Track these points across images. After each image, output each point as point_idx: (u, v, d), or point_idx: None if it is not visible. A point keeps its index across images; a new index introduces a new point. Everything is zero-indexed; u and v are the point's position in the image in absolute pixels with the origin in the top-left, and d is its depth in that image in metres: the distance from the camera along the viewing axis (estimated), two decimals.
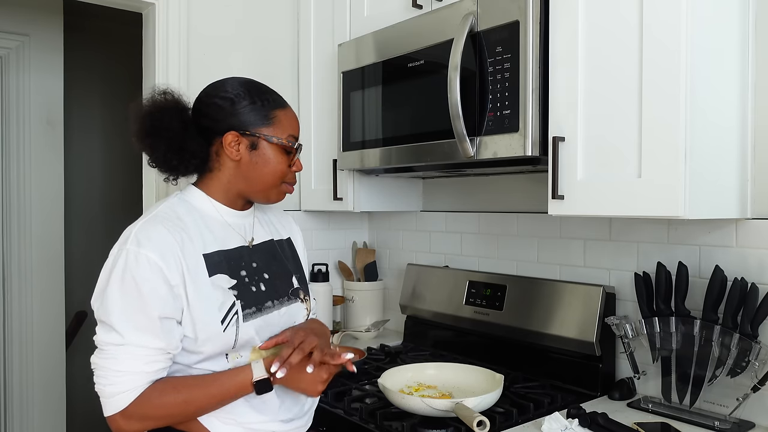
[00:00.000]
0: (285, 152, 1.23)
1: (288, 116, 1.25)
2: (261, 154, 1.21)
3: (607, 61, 1.32)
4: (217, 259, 1.17)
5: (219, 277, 1.16)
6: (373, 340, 2.28)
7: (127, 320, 1.07)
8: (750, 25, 1.38)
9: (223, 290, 1.15)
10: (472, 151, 1.49)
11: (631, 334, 1.54)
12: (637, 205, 1.27)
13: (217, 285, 1.15)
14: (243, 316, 1.16)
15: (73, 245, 3.08)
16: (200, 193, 1.24)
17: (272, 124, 1.21)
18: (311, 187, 2.22)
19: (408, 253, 2.37)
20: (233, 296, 1.17)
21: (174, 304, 1.09)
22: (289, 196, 1.31)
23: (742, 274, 1.41)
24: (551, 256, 1.87)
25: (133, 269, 1.07)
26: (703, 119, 1.25)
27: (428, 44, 1.62)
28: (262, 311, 1.21)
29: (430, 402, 1.38)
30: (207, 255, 1.16)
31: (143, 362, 1.07)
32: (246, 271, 1.22)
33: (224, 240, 1.21)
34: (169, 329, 1.09)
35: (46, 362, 2.76)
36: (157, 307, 1.07)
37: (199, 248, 1.15)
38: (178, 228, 1.14)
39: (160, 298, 1.08)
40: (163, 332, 1.08)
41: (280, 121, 1.23)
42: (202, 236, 1.17)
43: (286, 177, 1.25)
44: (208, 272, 1.15)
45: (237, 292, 1.17)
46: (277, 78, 2.26)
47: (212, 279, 1.15)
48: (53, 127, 2.80)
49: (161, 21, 2.01)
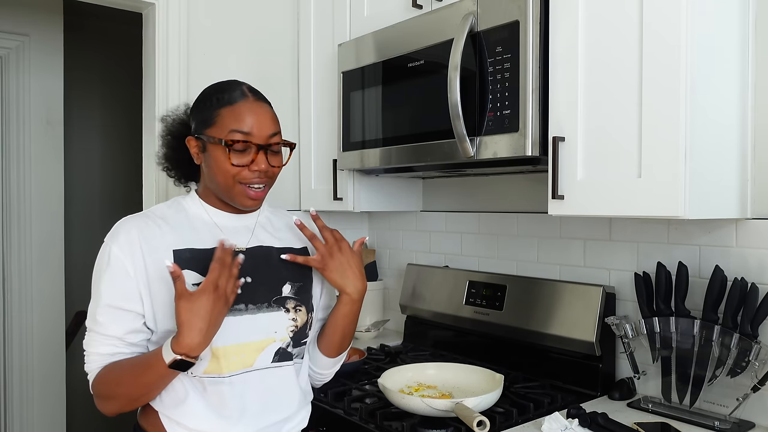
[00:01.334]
0: (227, 150, 1.17)
1: (235, 112, 1.18)
2: (209, 156, 1.20)
3: (607, 60, 1.32)
4: (188, 256, 1.18)
5: (185, 272, 1.13)
6: (373, 340, 2.28)
7: (95, 306, 1.15)
8: (750, 24, 1.38)
9: (187, 286, 1.11)
10: (472, 151, 1.49)
11: (631, 334, 1.54)
12: (637, 205, 1.27)
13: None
14: None
15: (73, 245, 3.08)
16: (195, 196, 1.28)
17: (214, 123, 1.19)
18: (311, 187, 2.21)
19: (408, 253, 2.37)
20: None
21: (132, 296, 1.14)
22: (289, 195, 1.32)
23: (742, 274, 1.41)
24: (551, 256, 1.87)
25: (100, 260, 1.17)
26: (703, 119, 1.25)
27: (428, 44, 1.62)
28: (228, 313, 1.14)
29: (430, 402, 1.38)
30: (177, 251, 1.18)
31: (100, 344, 1.15)
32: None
33: (204, 240, 1.21)
34: (124, 318, 1.14)
35: (46, 362, 2.76)
36: (109, 297, 1.13)
37: (170, 244, 1.18)
38: (152, 224, 1.19)
39: (115, 289, 1.14)
40: (117, 320, 1.14)
41: (223, 118, 1.18)
42: (180, 235, 1.20)
43: (239, 177, 1.18)
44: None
45: None
46: (277, 78, 2.27)
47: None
48: (53, 127, 2.80)
49: (161, 21, 2.01)
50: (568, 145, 1.38)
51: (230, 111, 1.18)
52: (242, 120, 1.17)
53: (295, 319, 1.25)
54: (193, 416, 1.15)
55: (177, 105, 1.35)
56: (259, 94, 1.24)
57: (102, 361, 1.15)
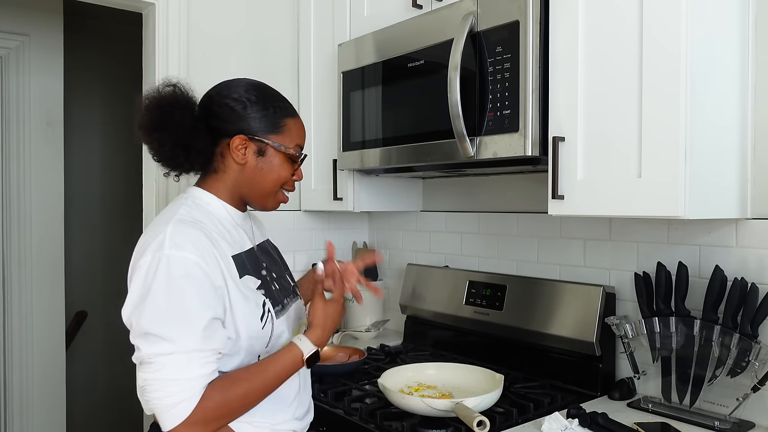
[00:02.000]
0: (290, 161, 1.24)
1: (297, 125, 1.26)
2: (267, 160, 1.21)
3: (607, 60, 1.32)
4: (242, 260, 1.18)
5: (247, 278, 1.17)
6: (373, 340, 2.28)
7: (177, 326, 1.02)
8: (750, 24, 1.38)
9: (253, 290, 1.17)
10: (472, 151, 1.49)
11: (631, 334, 1.54)
12: (637, 205, 1.27)
13: (247, 285, 1.16)
14: (275, 313, 1.21)
15: (73, 245, 3.08)
16: (210, 195, 1.22)
17: (282, 132, 1.22)
18: (311, 187, 2.22)
19: (408, 253, 2.37)
20: (262, 295, 1.19)
21: (218, 305, 1.08)
22: (289, 195, 1.32)
23: (742, 274, 1.41)
24: (551, 256, 1.87)
25: (177, 273, 1.03)
26: (703, 119, 1.25)
27: (428, 44, 1.62)
28: (285, 308, 1.25)
29: (430, 402, 1.38)
30: (234, 256, 1.16)
31: (199, 365, 1.03)
32: (265, 271, 1.25)
33: (241, 242, 1.22)
34: (217, 329, 1.07)
35: (46, 362, 2.76)
36: (207, 309, 1.05)
37: (227, 251, 1.15)
38: (206, 231, 1.12)
39: (207, 300, 1.06)
40: (214, 333, 1.06)
41: (290, 129, 1.24)
42: (224, 239, 1.16)
43: (286, 185, 1.27)
44: (239, 273, 1.15)
45: (264, 291, 1.20)
46: (277, 78, 2.26)
47: (243, 280, 1.15)
48: (53, 127, 2.80)
49: (161, 21, 2.01)
50: (568, 145, 1.38)
51: (295, 124, 1.25)
52: (302, 134, 1.27)
53: (304, 304, 1.37)
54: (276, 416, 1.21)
55: (181, 80, 1.22)
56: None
57: (202, 383, 1.03)
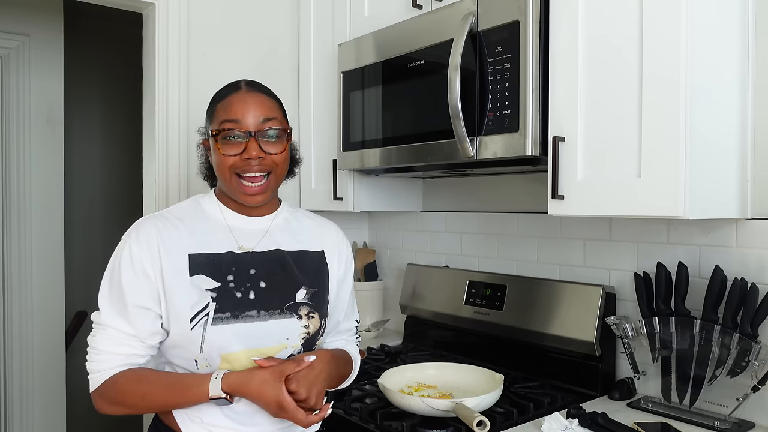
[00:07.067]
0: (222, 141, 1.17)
1: (226, 104, 1.18)
2: (212, 152, 1.22)
3: (607, 60, 1.32)
4: (203, 260, 1.18)
5: (200, 277, 1.16)
6: (373, 340, 2.28)
7: (108, 304, 1.15)
8: (750, 23, 1.38)
9: (200, 290, 1.16)
10: (472, 151, 1.49)
11: (631, 334, 1.54)
12: (637, 205, 1.27)
13: (196, 285, 1.16)
14: (213, 319, 1.14)
15: (73, 245, 3.08)
16: (213, 196, 1.28)
17: (212, 118, 1.22)
18: (311, 187, 2.21)
19: (408, 253, 2.37)
20: (210, 298, 1.16)
21: (150, 295, 1.14)
22: (289, 196, 1.32)
23: (742, 274, 1.41)
24: (551, 256, 1.87)
25: (118, 258, 1.16)
26: (703, 119, 1.25)
27: (428, 44, 1.62)
28: (239, 318, 1.16)
29: (430, 402, 1.38)
30: (192, 255, 1.18)
31: (116, 343, 1.14)
32: (235, 276, 1.19)
33: (218, 243, 1.21)
34: (140, 317, 1.14)
35: (46, 362, 2.76)
36: (131, 295, 1.13)
37: (186, 248, 1.18)
38: (170, 226, 1.19)
39: (136, 288, 1.14)
40: (134, 319, 1.14)
41: (217, 112, 1.20)
42: (196, 237, 1.20)
43: (235, 167, 1.17)
44: (190, 271, 1.17)
45: (216, 295, 1.16)
46: (277, 78, 2.26)
47: (192, 279, 1.16)
48: (53, 127, 2.80)
49: (161, 21, 2.01)
50: (568, 145, 1.38)
51: (222, 104, 1.20)
52: (231, 109, 1.17)
53: (307, 326, 1.23)
54: (209, 414, 1.17)
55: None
56: (256, 85, 1.24)
57: (116, 362, 1.14)
